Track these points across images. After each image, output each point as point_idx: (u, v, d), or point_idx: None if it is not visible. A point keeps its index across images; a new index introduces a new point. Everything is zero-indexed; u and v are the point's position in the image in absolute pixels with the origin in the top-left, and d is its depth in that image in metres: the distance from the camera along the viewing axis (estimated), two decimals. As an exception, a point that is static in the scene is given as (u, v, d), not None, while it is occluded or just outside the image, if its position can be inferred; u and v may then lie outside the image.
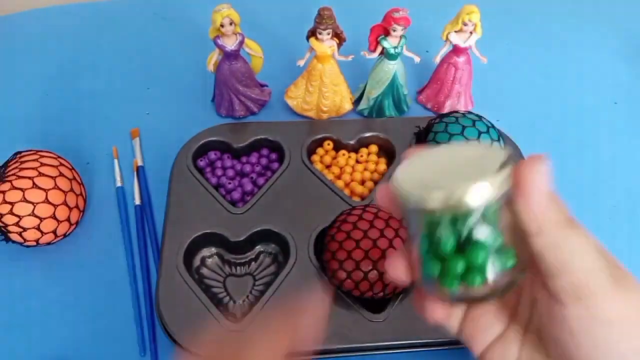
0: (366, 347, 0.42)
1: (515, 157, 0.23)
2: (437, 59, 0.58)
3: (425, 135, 0.53)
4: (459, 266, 0.23)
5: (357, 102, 0.60)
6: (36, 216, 0.45)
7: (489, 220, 0.23)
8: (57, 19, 0.73)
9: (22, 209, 0.44)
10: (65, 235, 0.49)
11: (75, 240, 0.49)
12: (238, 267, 0.48)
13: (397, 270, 0.26)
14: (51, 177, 0.46)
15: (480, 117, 0.52)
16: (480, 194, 0.22)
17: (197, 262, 0.47)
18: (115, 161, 0.55)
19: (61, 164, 0.49)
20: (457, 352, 0.42)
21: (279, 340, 0.25)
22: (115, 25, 0.72)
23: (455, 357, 0.42)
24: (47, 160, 0.48)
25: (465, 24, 0.54)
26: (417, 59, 0.56)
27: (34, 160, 0.47)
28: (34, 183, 0.45)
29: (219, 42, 0.53)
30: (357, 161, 0.55)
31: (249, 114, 0.60)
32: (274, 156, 0.55)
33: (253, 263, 0.48)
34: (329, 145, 0.55)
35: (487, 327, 0.28)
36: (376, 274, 0.41)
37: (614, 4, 0.79)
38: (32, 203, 0.45)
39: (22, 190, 0.45)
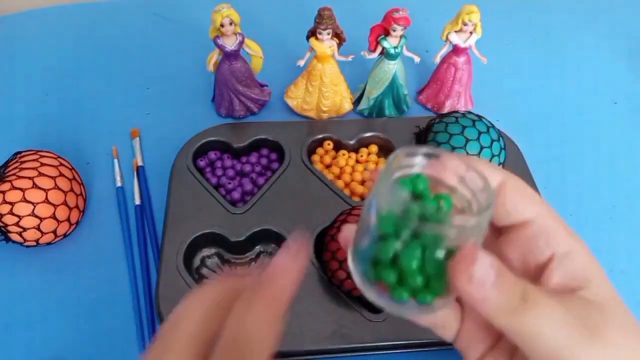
0: (366, 347, 0.42)
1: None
2: (437, 59, 0.58)
3: (425, 135, 0.53)
4: (418, 281, 0.22)
5: (357, 102, 0.60)
6: (36, 216, 0.45)
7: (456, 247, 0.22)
8: (57, 19, 0.73)
9: (22, 209, 0.44)
10: (65, 235, 0.49)
11: (75, 240, 0.49)
12: (238, 267, 0.48)
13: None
14: (51, 177, 0.46)
15: (480, 117, 0.52)
16: (471, 223, 0.22)
17: (197, 262, 0.47)
18: (115, 161, 0.55)
19: (61, 164, 0.49)
20: (456, 352, 0.42)
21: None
22: (115, 25, 0.72)
23: (455, 357, 0.42)
24: (47, 160, 0.48)
25: (465, 24, 0.54)
26: (417, 59, 0.56)
27: (34, 160, 0.47)
28: (34, 183, 0.45)
29: (219, 42, 0.53)
30: (357, 161, 0.55)
31: (249, 114, 0.60)
32: (274, 156, 0.55)
33: (253, 263, 0.48)
34: (329, 145, 0.55)
35: (480, 341, 0.27)
36: None
37: (614, 4, 0.79)
38: (32, 203, 0.45)
39: (22, 190, 0.45)
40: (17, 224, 0.45)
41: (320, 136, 0.55)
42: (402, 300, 0.23)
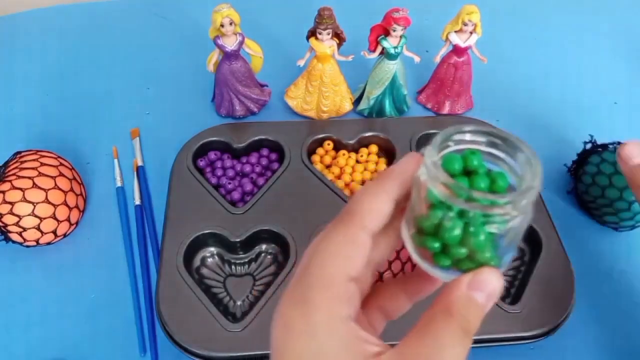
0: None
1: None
2: (437, 59, 0.58)
3: (577, 169, 0.52)
4: (462, 253, 0.23)
5: (357, 102, 0.60)
6: (36, 216, 0.45)
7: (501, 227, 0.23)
8: (57, 19, 0.73)
9: (22, 209, 0.44)
10: (65, 235, 0.49)
11: (75, 240, 0.49)
12: (238, 267, 0.48)
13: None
14: (51, 177, 0.46)
15: None
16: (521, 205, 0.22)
17: (197, 262, 0.47)
18: (115, 161, 0.55)
19: (61, 164, 0.49)
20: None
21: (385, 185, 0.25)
22: (115, 25, 0.72)
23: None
24: (47, 160, 0.48)
25: (465, 24, 0.53)
26: (417, 59, 0.56)
27: (34, 160, 0.47)
28: (34, 183, 0.45)
29: (219, 42, 0.53)
30: (357, 161, 0.55)
31: (249, 114, 0.60)
32: (274, 156, 0.55)
33: (253, 263, 0.48)
34: (329, 145, 0.55)
35: None
36: (376, 274, 0.41)
37: (615, 4, 0.79)
38: (32, 203, 0.45)
39: (22, 190, 0.45)
40: (17, 224, 0.45)
41: (320, 136, 0.55)
42: (444, 267, 0.24)
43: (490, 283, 0.23)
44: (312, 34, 0.53)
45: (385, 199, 0.25)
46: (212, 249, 0.48)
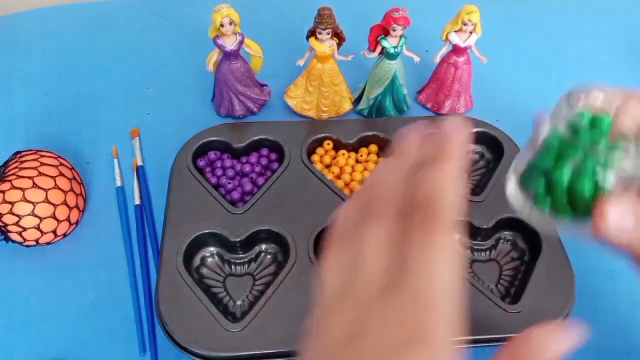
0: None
1: None
2: (437, 59, 0.58)
3: None
4: (564, 195, 0.25)
5: (357, 102, 0.60)
6: (36, 216, 0.45)
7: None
8: (57, 19, 0.73)
9: (22, 209, 0.44)
10: (65, 235, 0.49)
11: (75, 240, 0.49)
12: (238, 267, 0.48)
13: None
14: (51, 177, 0.47)
15: None
16: None
17: (197, 262, 0.47)
18: (115, 161, 0.55)
19: (61, 164, 0.49)
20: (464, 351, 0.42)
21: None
22: (115, 25, 0.72)
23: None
24: (47, 160, 0.48)
25: (465, 24, 0.53)
26: (417, 59, 0.56)
27: (34, 160, 0.47)
28: (34, 183, 0.45)
29: (219, 42, 0.53)
30: (357, 161, 0.55)
31: (249, 114, 0.60)
32: (274, 156, 0.55)
33: (253, 263, 0.48)
34: (329, 145, 0.55)
35: None
36: None
37: (615, 5, 0.79)
38: (32, 203, 0.45)
39: (22, 190, 0.45)
40: (17, 224, 0.45)
41: (320, 136, 0.55)
42: (544, 208, 0.26)
43: (560, 345, 0.23)
44: (312, 34, 0.53)
45: (461, 184, 0.23)
46: (212, 249, 0.48)
